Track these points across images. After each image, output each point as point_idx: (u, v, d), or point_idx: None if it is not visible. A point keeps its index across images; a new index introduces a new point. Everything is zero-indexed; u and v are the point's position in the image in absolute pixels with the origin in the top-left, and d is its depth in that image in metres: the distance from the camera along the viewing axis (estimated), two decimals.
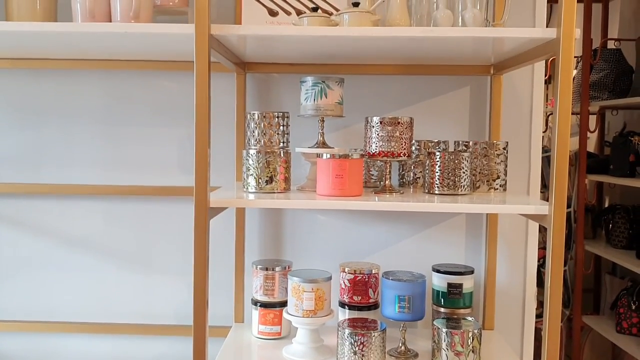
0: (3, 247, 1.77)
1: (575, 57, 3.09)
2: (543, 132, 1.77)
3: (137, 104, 1.73)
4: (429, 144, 1.52)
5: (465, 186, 1.38)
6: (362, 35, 1.22)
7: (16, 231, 1.76)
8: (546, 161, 3.07)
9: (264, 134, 1.44)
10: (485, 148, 1.47)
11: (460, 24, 1.33)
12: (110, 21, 1.37)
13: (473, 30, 1.21)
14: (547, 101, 3.67)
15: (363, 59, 1.59)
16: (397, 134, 1.36)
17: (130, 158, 1.74)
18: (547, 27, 1.68)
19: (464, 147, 1.50)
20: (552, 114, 1.28)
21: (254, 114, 1.44)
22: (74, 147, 1.74)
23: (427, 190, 1.42)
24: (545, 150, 3.25)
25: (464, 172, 1.38)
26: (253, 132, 1.44)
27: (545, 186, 3.06)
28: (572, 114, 3.17)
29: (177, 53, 1.54)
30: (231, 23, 1.66)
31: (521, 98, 1.68)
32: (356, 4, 1.30)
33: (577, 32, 1.16)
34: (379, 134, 1.37)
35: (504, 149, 1.49)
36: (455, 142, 1.55)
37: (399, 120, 1.36)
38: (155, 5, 1.44)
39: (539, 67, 1.68)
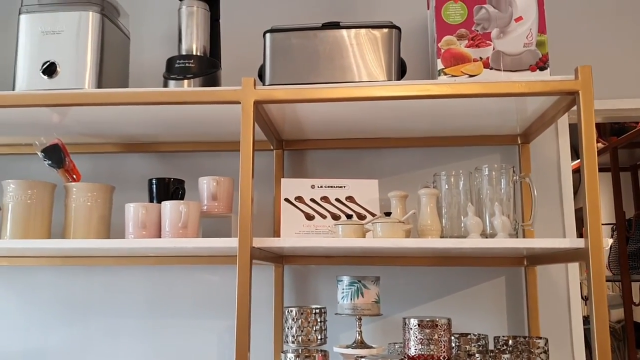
0: None
1: (608, 224, 3.12)
2: (583, 298, 1.74)
3: (179, 296, 1.79)
4: (469, 340, 1.51)
5: None
6: (394, 246, 1.28)
7: None
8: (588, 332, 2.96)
9: (302, 330, 1.46)
10: (526, 346, 1.45)
11: (489, 229, 1.38)
12: (160, 230, 1.47)
13: (505, 242, 1.25)
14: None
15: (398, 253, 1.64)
16: (436, 336, 1.36)
17: (171, 350, 1.76)
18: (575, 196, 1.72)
19: (503, 345, 1.48)
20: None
21: (291, 310, 1.47)
22: (117, 341, 1.78)
23: None
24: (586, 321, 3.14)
25: None
26: (291, 328, 1.46)
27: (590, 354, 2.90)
28: (612, 281, 3.10)
29: (219, 251, 1.63)
30: (270, 225, 1.76)
31: (557, 287, 1.68)
32: (388, 214, 1.38)
33: (606, 242, 1.19)
34: (417, 337, 1.37)
35: (545, 345, 1.46)
36: (495, 338, 1.53)
37: (437, 323, 1.37)
38: (202, 212, 1.54)
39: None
